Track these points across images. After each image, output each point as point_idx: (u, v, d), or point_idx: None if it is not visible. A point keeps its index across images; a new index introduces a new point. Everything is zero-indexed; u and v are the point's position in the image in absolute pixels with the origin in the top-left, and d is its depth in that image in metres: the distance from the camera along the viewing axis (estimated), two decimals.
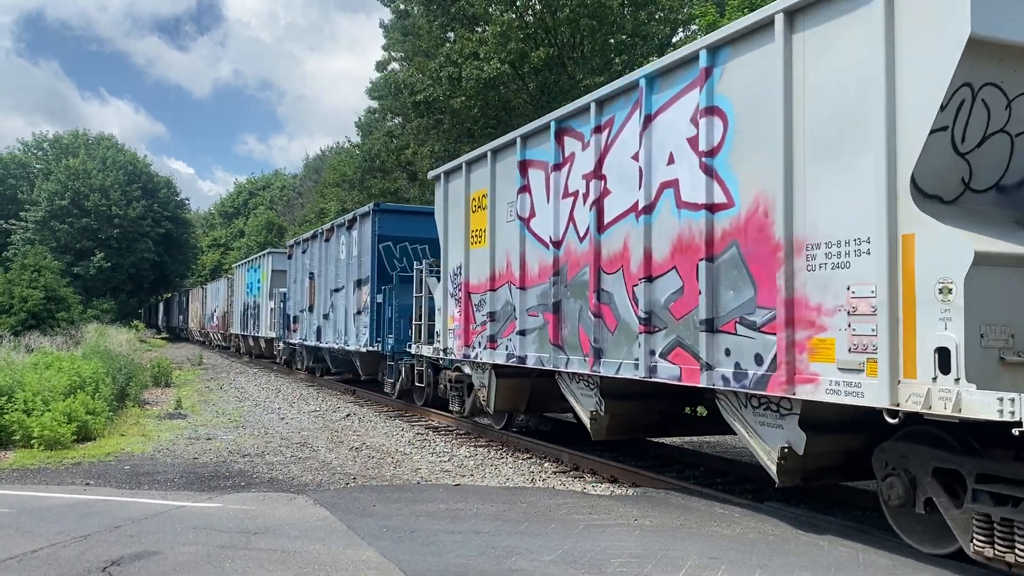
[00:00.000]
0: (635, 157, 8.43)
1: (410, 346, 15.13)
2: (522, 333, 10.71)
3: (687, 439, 12.31)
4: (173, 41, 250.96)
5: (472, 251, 12.28)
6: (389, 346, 16.61)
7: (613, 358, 8.84)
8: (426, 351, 14.17)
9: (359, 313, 18.14)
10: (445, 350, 13.18)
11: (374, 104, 41.54)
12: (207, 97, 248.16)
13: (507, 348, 11.11)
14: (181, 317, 60.77)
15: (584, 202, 9.43)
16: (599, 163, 9.12)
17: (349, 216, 19.51)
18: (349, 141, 51.38)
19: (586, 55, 28.32)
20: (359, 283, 18.31)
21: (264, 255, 32.02)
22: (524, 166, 10.84)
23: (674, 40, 28.94)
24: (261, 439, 12.52)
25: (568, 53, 28.47)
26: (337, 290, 20.09)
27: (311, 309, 22.59)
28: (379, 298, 16.99)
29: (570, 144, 9.82)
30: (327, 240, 21.33)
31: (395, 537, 6.76)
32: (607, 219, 9.03)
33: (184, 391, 19.57)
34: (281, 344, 27.70)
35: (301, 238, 24.67)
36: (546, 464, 10.67)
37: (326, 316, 21.06)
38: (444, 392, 14.07)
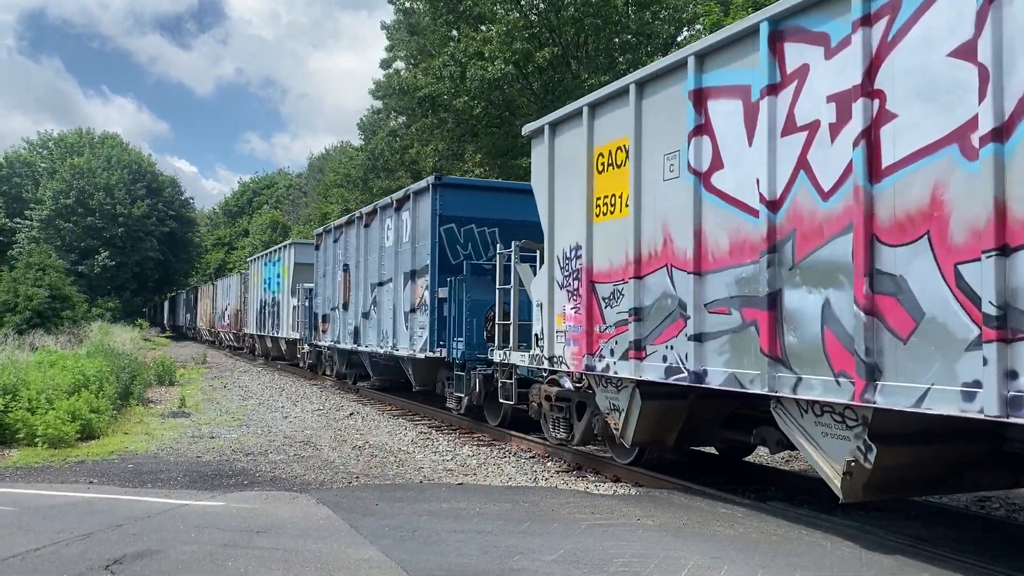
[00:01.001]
0: (963, 52, 5.53)
1: (491, 352, 12.19)
2: (698, 338, 7.73)
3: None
4: (175, 39, 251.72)
5: (598, 225, 9.24)
6: (458, 352, 13.30)
7: (909, 380, 5.78)
8: (518, 359, 11.29)
9: (413, 311, 15.02)
10: (552, 359, 10.18)
11: (377, 104, 41.56)
12: (210, 95, 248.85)
13: (666, 359, 8.16)
14: (188, 316, 58.04)
15: (833, 138, 6.45)
16: (870, 71, 6.14)
17: (399, 194, 16.19)
18: (351, 145, 51.48)
19: (590, 54, 28.30)
20: (412, 275, 15.09)
21: (285, 247, 28.58)
22: (700, 97, 7.83)
23: (679, 39, 28.91)
24: (264, 438, 12.53)
25: (572, 52, 28.46)
26: (381, 284, 16.92)
27: (345, 307, 19.41)
28: (442, 293, 13.88)
29: (798, 52, 6.81)
30: (367, 225, 18.00)
31: (397, 536, 6.76)
32: (892, 159, 5.98)
33: (188, 390, 19.59)
34: (306, 346, 24.50)
35: (332, 224, 21.17)
36: (549, 463, 10.67)
37: (366, 315, 17.89)
38: (536, 412, 11.25)
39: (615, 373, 8.89)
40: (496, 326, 12.20)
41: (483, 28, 28.43)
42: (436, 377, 15.35)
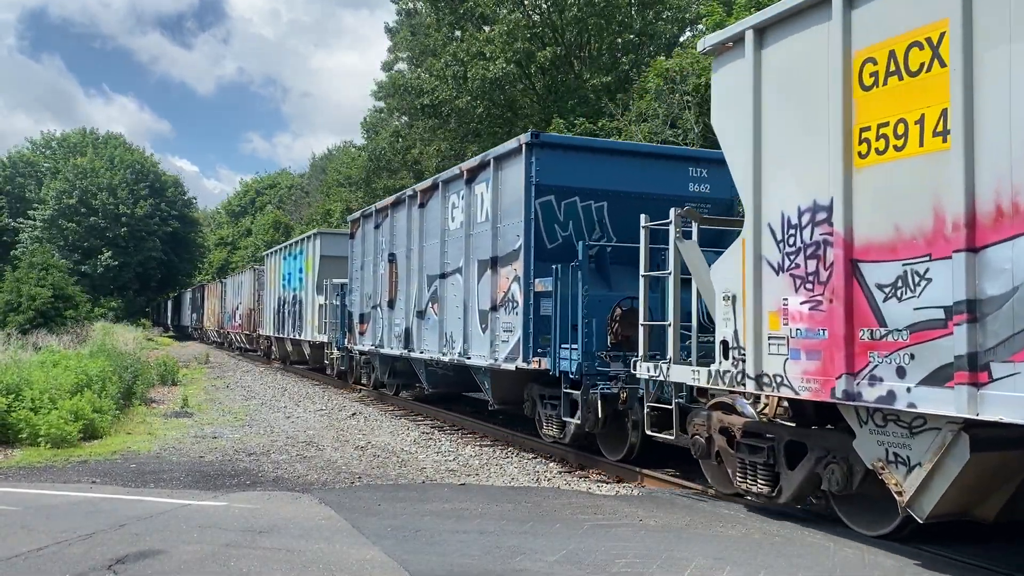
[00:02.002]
0: None
1: (636, 366, 8.91)
2: None
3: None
4: (176, 38, 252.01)
5: (867, 172, 6.18)
6: (570, 364, 10.11)
7: None
8: (685, 377, 8.07)
9: (494, 309, 11.85)
10: (760, 379, 7.08)
11: (380, 104, 41.61)
12: (211, 95, 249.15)
13: None
14: (194, 315, 55.49)
15: None
16: None
17: (472, 162, 13.01)
18: (353, 145, 51.50)
19: (593, 54, 28.31)
20: (493, 263, 11.91)
21: (310, 237, 25.46)
22: None
23: (681, 40, 28.89)
24: (267, 438, 12.54)
25: (575, 52, 28.46)
26: (444, 276, 13.79)
27: (391, 304, 16.24)
28: (540, 285, 10.81)
29: None
30: (423, 205, 14.89)
31: (400, 536, 6.76)
32: None
33: (190, 390, 19.60)
34: (336, 351, 21.42)
35: (374, 207, 18.02)
36: (551, 464, 10.66)
37: (421, 314, 14.70)
38: (702, 450, 8.22)
39: (915, 407, 5.71)
40: (641, 330, 8.88)
41: (485, 28, 28.44)
42: (524, 395, 11.79)
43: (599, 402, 9.74)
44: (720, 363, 7.52)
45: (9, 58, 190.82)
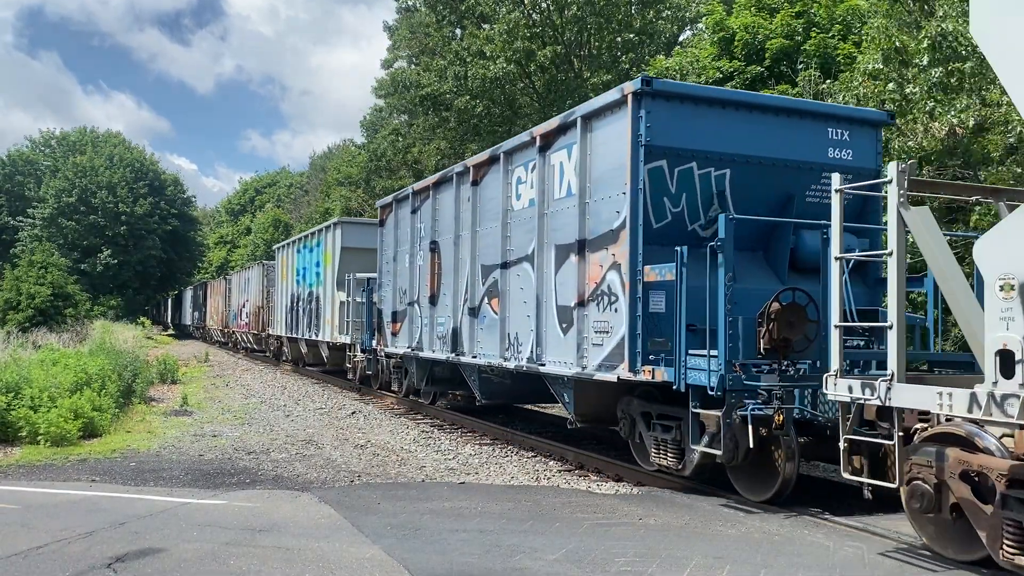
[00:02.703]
0: None
1: (831, 385, 6.77)
2: None
3: None
4: (174, 35, 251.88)
5: None
6: (708, 376, 7.82)
7: None
8: (929, 402, 6.03)
9: (582, 304, 9.66)
10: None
11: (380, 103, 41.63)
12: (210, 92, 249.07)
13: None
14: (196, 314, 53.71)
15: None
16: None
17: (548, 125, 10.70)
18: (353, 143, 51.51)
19: (593, 53, 28.31)
20: (580, 248, 9.73)
21: (328, 228, 22.88)
22: None
23: (681, 39, 28.90)
24: (266, 436, 12.54)
25: (575, 51, 28.46)
26: (506, 265, 11.66)
27: (433, 300, 14.21)
28: (652, 274, 8.52)
29: None
30: (477, 182, 12.69)
31: (400, 535, 6.76)
32: None
33: (190, 388, 19.60)
34: (360, 353, 19.25)
35: (410, 189, 15.69)
36: (551, 463, 10.66)
37: (474, 311, 12.60)
38: (930, 502, 6.02)
39: None
40: (834, 333, 6.78)
41: (485, 27, 28.45)
42: (619, 411, 9.63)
43: (747, 426, 7.45)
44: (996, 382, 5.48)
45: (7, 56, 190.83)
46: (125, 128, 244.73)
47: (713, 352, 7.67)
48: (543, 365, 10.53)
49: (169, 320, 70.55)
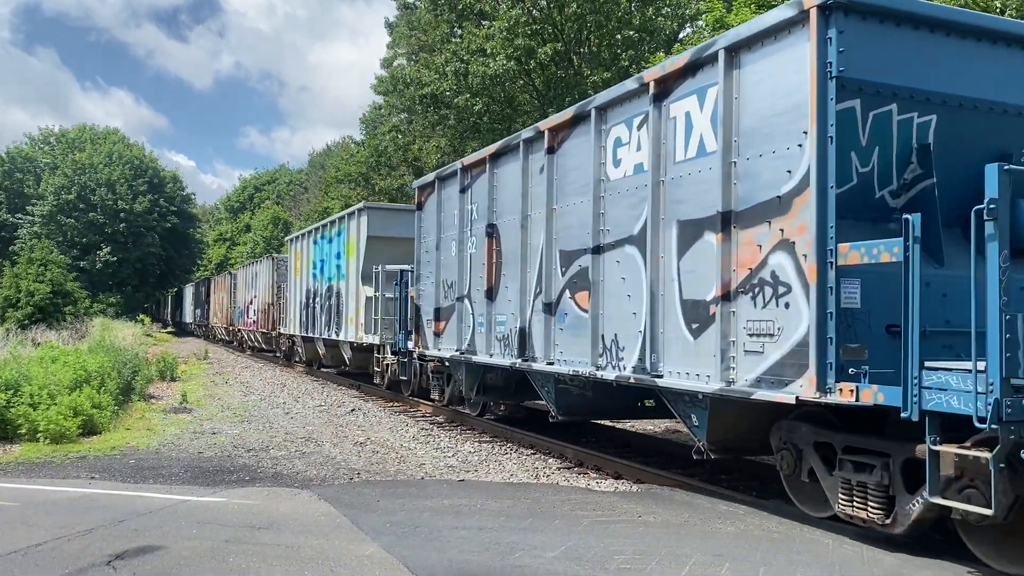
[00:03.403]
0: None
1: None
2: None
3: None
4: (172, 31, 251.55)
5: None
6: (971, 401, 5.38)
7: None
8: None
9: (727, 298, 7.42)
10: None
11: (379, 100, 41.62)
12: (208, 89, 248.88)
13: None
14: (199, 311, 51.70)
15: None
16: None
17: (671, 65, 8.38)
18: (353, 141, 51.49)
19: (593, 50, 28.30)
20: (725, 223, 7.43)
21: (352, 214, 20.35)
22: None
23: (681, 36, 28.88)
24: (266, 433, 12.54)
25: (575, 49, 28.44)
26: (600, 250, 9.37)
27: (490, 295, 12.05)
28: (857, 255, 6.25)
29: None
30: (553, 149, 10.39)
31: (399, 532, 6.76)
32: None
33: (189, 386, 19.60)
34: (390, 355, 17.38)
35: (459, 164, 13.27)
36: (550, 460, 10.66)
37: (550, 307, 10.38)
38: None
39: None
40: None
41: (485, 24, 28.44)
42: (773, 439, 7.43)
43: None
44: None
45: (3, 52, 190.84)
46: (123, 125, 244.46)
47: (980, 366, 5.30)
48: (659, 377, 8.18)
49: (168, 318, 70.45)
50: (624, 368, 8.82)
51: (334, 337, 21.29)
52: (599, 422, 12.87)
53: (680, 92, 8.17)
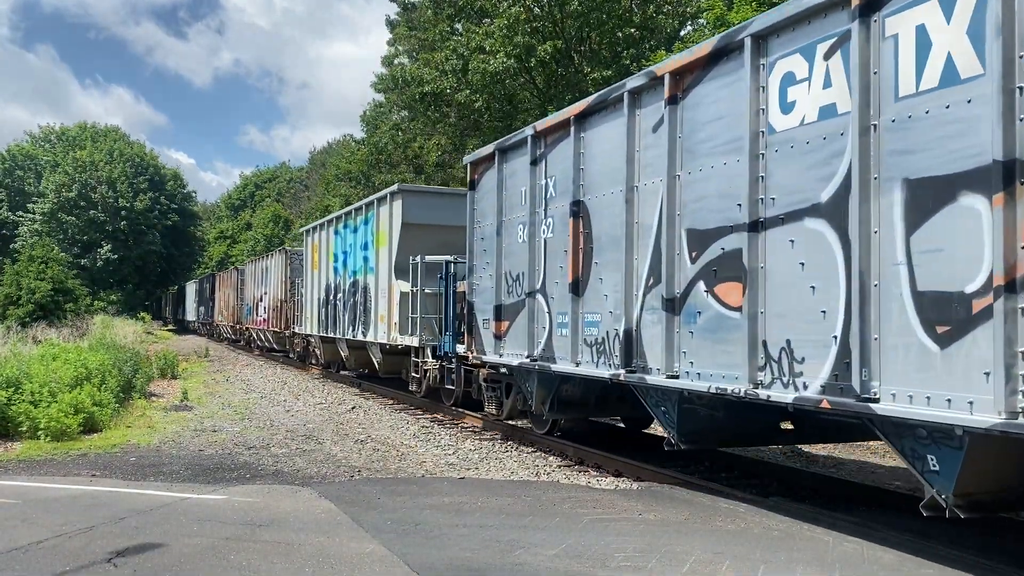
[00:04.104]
0: None
1: None
2: None
3: None
4: (171, 28, 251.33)
5: None
6: None
7: None
8: None
9: (1012, 288, 5.11)
10: None
11: (380, 98, 41.64)
12: (208, 86, 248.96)
13: None
14: (202, 309, 49.34)
15: None
16: None
17: None
18: (353, 139, 51.49)
19: (594, 48, 28.27)
20: (1006, 178, 5.15)
21: (384, 199, 17.62)
22: None
23: (682, 34, 28.86)
24: (266, 431, 12.55)
25: (576, 46, 28.42)
26: (759, 226, 7.18)
27: (576, 288, 9.82)
28: None
29: None
30: (677, 99, 8.23)
31: (400, 530, 6.77)
32: None
33: (190, 383, 19.62)
34: (430, 359, 15.13)
35: (530, 130, 10.98)
36: (551, 458, 10.67)
37: (672, 304, 8.21)
38: None
39: None
40: None
41: (486, 21, 28.42)
42: None
43: None
44: None
45: (2, 49, 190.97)
46: (123, 122, 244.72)
47: None
48: (873, 401, 5.98)
49: (169, 315, 70.40)
50: (806, 387, 6.59)
51: (360, 338, 18.92)
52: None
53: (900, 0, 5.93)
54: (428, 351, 15.11)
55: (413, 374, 16.12)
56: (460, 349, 13.28)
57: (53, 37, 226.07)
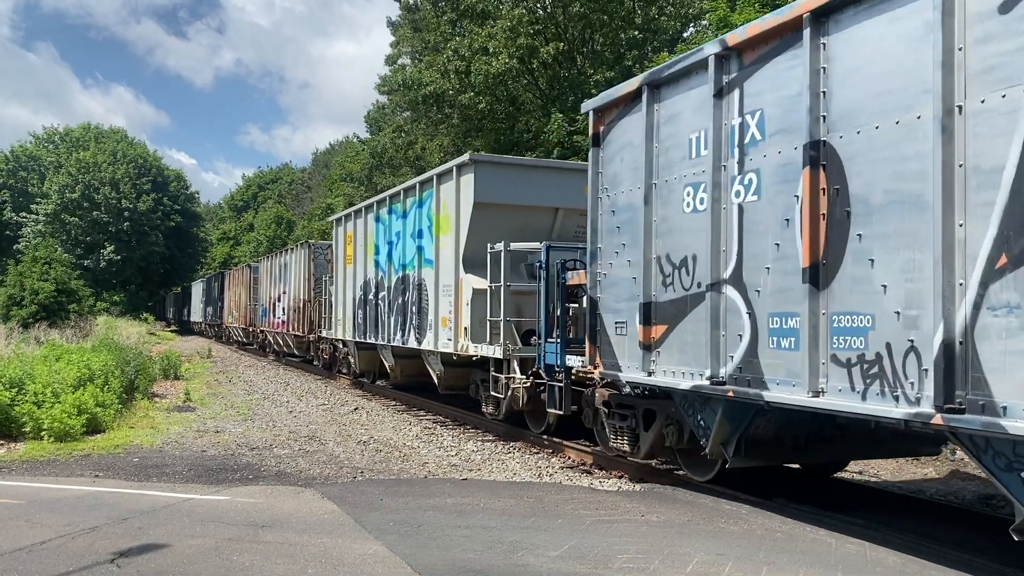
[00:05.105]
0: None
1: None
2: None
3: None
4: (171, 27, 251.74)
5: None
6: None
7: None
8: None
9: None
10: None
11: (383, 99, 41.69)
12: (209, 86, 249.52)
13: None
14: (210, 309, 46.57)
15: None
16: None
17: None
18: (357, 138, 51.54)
19: (596, 50, 28.29)
20: None
21: (449, 172, 13.81)
22: None
23: (685, 35, 28.87)
24: (269, 432, 12.56)
25: (578, 48, 28.43)
26: None
27: (814, 276, 6.58)
28: None
29: None
30: None
31: (402, 531, 6.77)
32: None
33: (193, 384, 19.63)
34: (518, 374, 11.98)
35: (721, 42, 7.64)
36: (553, 459, 10.67)
37: None
38: None
39: None
40: None
41: (489, 23, 28.46)
42: None
43: None
44: None
45: (3, 49, 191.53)
46: (124, 122, 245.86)
47: None
48: None
49: (172, 316, 70.39)
50: None
51: (413, 345, 15.34)
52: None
53: None
54: (515, 364, 12.03)
55: (492, 393, 12.60)
56: (574, 362, 10.25)
57: (54, 36, 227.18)
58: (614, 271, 9.25)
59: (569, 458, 10.61)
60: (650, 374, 8.43)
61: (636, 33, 27.45)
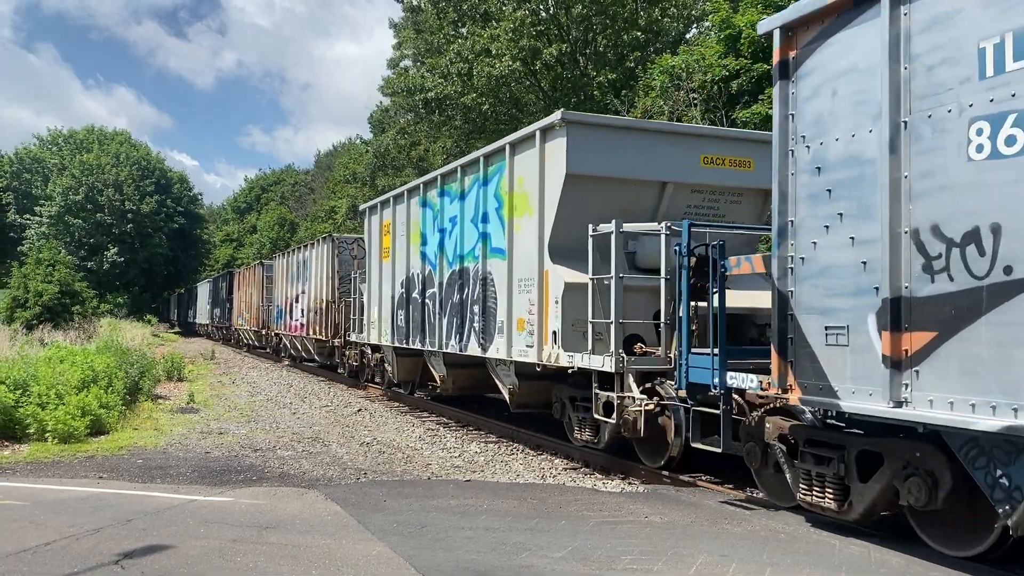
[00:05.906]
0: None
1: None
2: None
3: None
4: (172, 28, 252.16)
5: None
6: None
7: None
8: None
9: None
10: None
11: (386, 100, 41.74)
12: (210, 87, 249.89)
13: None
14: (217, 311, 44.45)
15: None
16: None
17: None
18: (360, 139, 51.61)
19: (599, 51, 28.31)
20: None
21: (529, 137, 11.02)
22: None
23: (687, 36, 28.88)
24: (273, 434, 12.57)
25: (581, 49, 28.46)
26: None
27: None
28: None
29: None
30: None
31: (406, 532, 6.78)
32: None
33: (197, 386, 19.66)
34: (635, 393, 9.34)
35: None
36: (556, 461, 10.67)
37: None
38: None
39: None
40: None
41: (492, 24, 28.49)
42: None
43: None
44: None
45: (3, 50, 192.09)
46: (126, 123, 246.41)
47: None
48: None
49: (176, 318, 70.40)
50: None
51: (476, 353, 12.80)
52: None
53: None
54: (631, 380, 9.48)
55: (597, 415, 10.02)
56: (742, 382, 7.52)
57: (55, 38, 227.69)
58: (822, 253, 6.52)
59: (572, 459, 10.60)
60: (901, 404, 5.74)
61: (639, 34, 27.47)
